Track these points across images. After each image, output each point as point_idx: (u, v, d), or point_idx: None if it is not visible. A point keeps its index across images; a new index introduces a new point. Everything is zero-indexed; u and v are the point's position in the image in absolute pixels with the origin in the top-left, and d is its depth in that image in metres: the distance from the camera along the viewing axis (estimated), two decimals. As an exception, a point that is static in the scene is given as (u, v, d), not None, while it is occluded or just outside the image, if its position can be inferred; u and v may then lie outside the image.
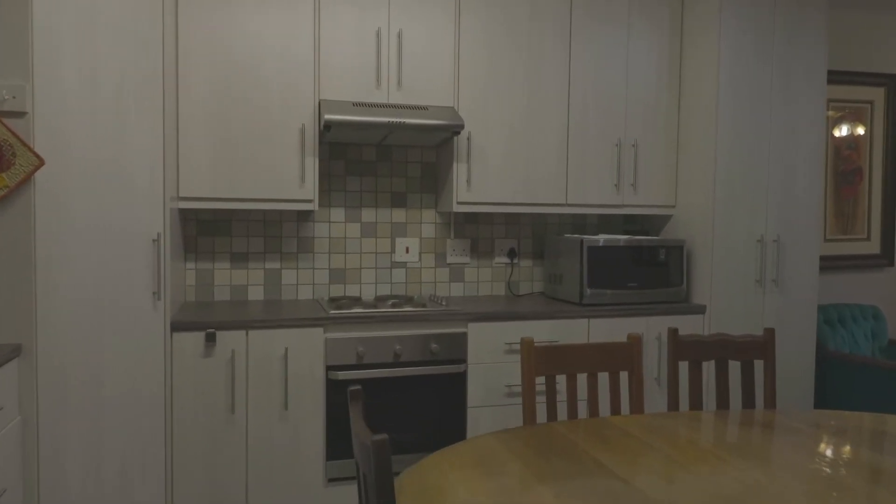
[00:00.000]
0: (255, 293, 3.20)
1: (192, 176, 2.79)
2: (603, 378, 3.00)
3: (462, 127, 2.90)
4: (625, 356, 2.08)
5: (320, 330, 2.71)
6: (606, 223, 3.70)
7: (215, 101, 2.80)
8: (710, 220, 3.18)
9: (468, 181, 3.10)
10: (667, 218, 3.49)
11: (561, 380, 2.98)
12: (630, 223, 3.74)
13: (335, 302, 3.08)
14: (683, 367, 3.14)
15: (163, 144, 2.47)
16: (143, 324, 2.44)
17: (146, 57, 2.42)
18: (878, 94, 4.08)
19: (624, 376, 2.98)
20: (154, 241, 2.46)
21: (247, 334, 2.63)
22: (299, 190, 2.91)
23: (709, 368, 3.21)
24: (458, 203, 3.11)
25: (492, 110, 3.13)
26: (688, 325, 3.18)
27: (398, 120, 2.82)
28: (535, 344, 1.99)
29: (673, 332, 2.15)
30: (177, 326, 2.55)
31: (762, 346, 2.21)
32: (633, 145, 3.33)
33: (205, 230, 3.13)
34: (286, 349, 2.64)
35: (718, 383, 2.20)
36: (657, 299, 3.22)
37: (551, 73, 3.20)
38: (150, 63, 2.43)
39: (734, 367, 3.15)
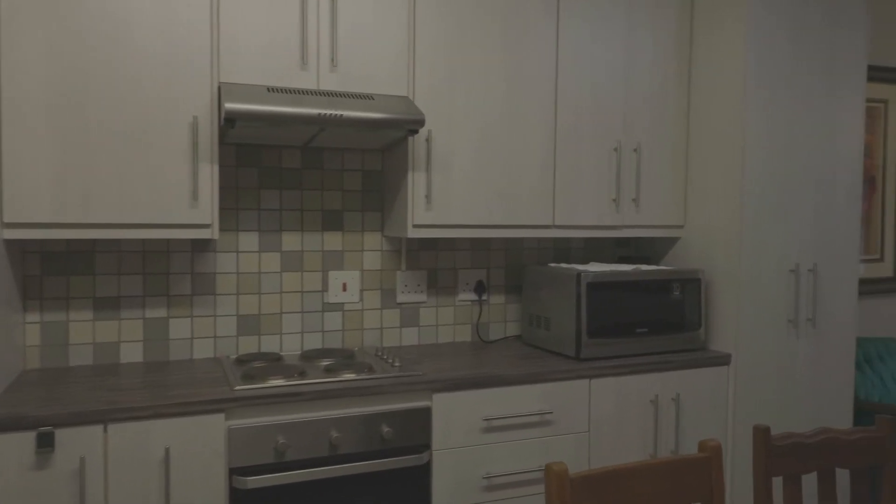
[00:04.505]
0: (132, 353, 2.30)
1: (23, 192, 1.88)
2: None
3: (422, 123, 2.10)
4: (698, 477, 1.33)
5: (220, 417, 1.85)
6: (594, 249, 2.97)
7: (60, 83, 1.90)
8: (737, 246, 2.49)
9: (427, 196, 2.30)
10: (671, 241, 2.79)
11: None
12: (623, 247, 3.02)
13: (245, 364, 2.22)
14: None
15: (-41, 144, 1.57)
16: (-74, 429, 1.54)
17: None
18: (893, 92, 3.52)
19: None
20: (-56, 296, 1.55)
21: (105, 431, 1.74)
22: (190, 210, 2.04)
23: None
24: (415, 226, 2.31)
25: (458, 103, 2.35)
26: (708, 381, 2.48)
27: (333, 112, 2.00)
28: (570, 473, 1.21)
29: (762, 434, 1.41)
30: (-12, 426, 1.64)
31: (879, 445, 1.51)
32: (636, 150, 2.61)
33: (55, 268, 2.21)
34: (167, 449, 1.77)
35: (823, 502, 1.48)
36: (670, 347, 2.50)
37: (535, 56, 2.44)
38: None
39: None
